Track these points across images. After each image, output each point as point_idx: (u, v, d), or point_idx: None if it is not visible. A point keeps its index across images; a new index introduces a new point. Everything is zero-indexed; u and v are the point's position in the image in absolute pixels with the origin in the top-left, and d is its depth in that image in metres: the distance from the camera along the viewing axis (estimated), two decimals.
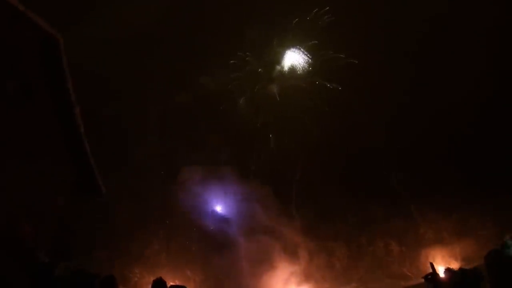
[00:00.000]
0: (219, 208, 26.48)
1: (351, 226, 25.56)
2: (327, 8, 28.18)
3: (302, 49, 29.61)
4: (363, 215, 25.39)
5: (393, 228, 24.90)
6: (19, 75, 8.42)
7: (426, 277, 6.04)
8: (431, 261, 22.63)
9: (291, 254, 24.25)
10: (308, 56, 29.62)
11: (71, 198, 10.41)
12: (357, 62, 27.80)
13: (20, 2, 7.65)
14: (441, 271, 6.52)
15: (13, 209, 7.77)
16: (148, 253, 24.49)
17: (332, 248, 25.21)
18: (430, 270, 6.43)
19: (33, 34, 8.49)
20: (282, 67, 30.29)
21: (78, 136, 9.94)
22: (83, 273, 5.81)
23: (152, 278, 6.01)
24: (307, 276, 23.92)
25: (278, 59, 30.38)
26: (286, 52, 29.95)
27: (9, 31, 7.83)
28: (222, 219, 26.11)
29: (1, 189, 7.49)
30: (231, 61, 29.30)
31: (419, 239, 24.32)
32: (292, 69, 30.21)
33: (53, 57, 9.10)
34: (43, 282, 5.71)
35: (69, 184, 10.21)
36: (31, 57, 8.87)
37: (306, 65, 29.86)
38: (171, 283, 6.19)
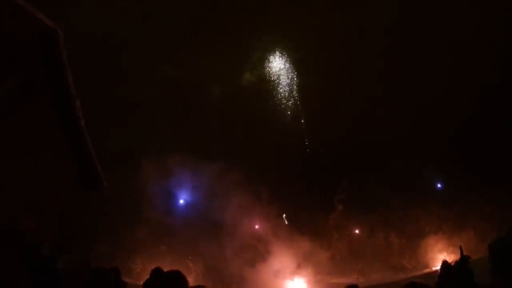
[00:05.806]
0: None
1: (352, 217, 25.63)
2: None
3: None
4: (363, 206, 25.46)
5: (393, 220, 24.99)
6: (19, 70, 8.42)
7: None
8: (431, 251, 22.78)
9: (291, 245, 24.35)
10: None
11: (73, 192, 10.48)
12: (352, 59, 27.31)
13: None
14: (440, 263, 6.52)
15: (15, 204, 7.83)
16: (149, 244, 24.64)
17: (332, 239, 25.34)
18: (428, 262, 6.35)
19: (33, 28, 8.47)
20: (262, 55, 29.07)
21: (79, 129, 9.96)
22: (85, 266, 5.86)
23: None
24: (307, 267, 24.06)
25: (257, 45, 28.98)
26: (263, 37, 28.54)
27: (9, 25, 7.82)
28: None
29: (3, 183, 7.54)
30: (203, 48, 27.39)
31: (419, 231, 24.42)
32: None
33: (53, 51, 9.10)
34: (45, 276, 5.76)
35: (71, 178, 10.26)
36: (31, 51, 8.86)
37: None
38: None
